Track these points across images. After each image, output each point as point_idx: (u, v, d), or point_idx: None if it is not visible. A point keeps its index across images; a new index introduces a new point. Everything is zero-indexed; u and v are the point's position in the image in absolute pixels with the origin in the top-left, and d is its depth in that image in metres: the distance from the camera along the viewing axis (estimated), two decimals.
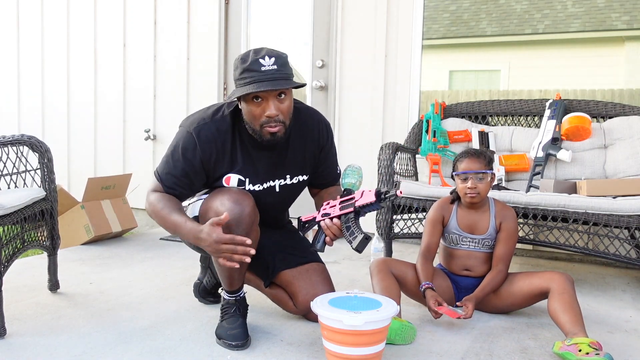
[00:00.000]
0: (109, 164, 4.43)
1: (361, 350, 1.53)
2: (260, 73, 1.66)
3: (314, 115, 1.97)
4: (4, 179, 2.24)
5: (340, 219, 1.72)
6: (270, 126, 1.72)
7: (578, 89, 3.34)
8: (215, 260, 1.79)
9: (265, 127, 1.72)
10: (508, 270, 2.08)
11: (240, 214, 1.69)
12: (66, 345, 1.74)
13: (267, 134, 1.73)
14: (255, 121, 1.73)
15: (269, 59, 1.68)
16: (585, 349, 1.59)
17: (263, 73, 1.66)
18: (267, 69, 1.67)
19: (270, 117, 1.70)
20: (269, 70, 1.67)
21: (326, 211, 1.78)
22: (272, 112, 1.69)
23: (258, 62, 1.67)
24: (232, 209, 1.67)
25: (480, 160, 2.05)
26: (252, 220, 1.73)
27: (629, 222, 2.26)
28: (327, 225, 1.73)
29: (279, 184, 1.91)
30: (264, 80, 1.66)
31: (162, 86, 4.22)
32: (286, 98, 1.73)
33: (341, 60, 3.64)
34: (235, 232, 1.68)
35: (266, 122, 1.71)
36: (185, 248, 3.13)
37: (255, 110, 1.71)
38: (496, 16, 3.60)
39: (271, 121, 1.71)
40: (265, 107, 1.70)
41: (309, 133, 1.93)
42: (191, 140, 1.78)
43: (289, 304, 1.97)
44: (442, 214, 2.16)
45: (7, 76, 4.86)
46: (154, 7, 4.21)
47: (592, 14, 3.36)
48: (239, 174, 1.83)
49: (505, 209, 2.12)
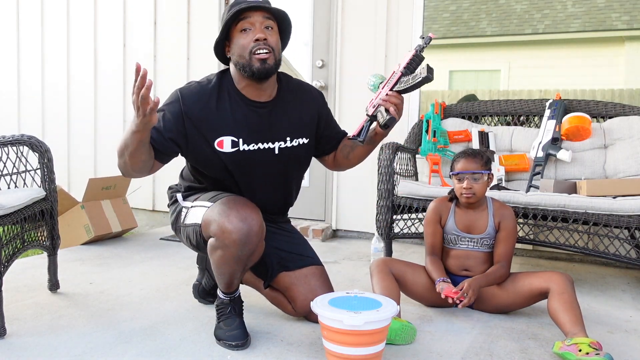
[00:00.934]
0: (109, 163, 4.43)
1: (361, 350, 1.53)
2: (247, 2, 1.72)
3: (304, 83, 2.01)
4: (4, 179, 2.24)
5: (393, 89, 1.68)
6: (260, 52, 1.72)
7: (578, 89, 3.34)
8: (215, 270, 1.77)
9: (255, 54, 1.72)
10: (510, 267, 2.09)
11: (248, 232, 1.64)
12: (66, 345, 1.74)
13: (257, 61, 1.72)
14: (245, 50, 1.74)
15: None
16: (585, 349, 1.59)
17: (248, 2, 1.72)
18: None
19: (259, 40, 1.71)
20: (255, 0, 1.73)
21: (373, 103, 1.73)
22: (261, 34, 1.71)
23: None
24: (241, 228, 1.63)
25: (476, 161, 2.06)
26: (259, 239, 1.69)
27: (629, 222, 2.26)
28: (385, 98, 1.68)
29: (279, 146, 1.86)
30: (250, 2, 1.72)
31: (163, 86, 4.22)
32: (273, 31, 1.77)
33: (341, 60, 3.64)
34: (242, 250, 1.65)
35: (255, 46, 1.72)
36: (185, 248, 3.13)
37: (245, 39, 1.73)
38: (496, 16, 3.60)
39: (260, 45, 1.71)
40: (252, 33, 1.72)
41: (303, 95, 1.94)
42: (175, 95, 1.79)
43: (288, 308, 1.97)
44: (438, 214, 2.16)
45: (7, 76, 4.86)
46: (154, 7, 4.21)
47: (592, 14, 3.36)
48: (231, 135, 1.79)
49: (503, 208, 2.13)
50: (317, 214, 3.82)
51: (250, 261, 1.75)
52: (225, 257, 1.68)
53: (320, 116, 1.97)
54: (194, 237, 1.84)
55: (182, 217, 1.91)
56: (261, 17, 1.74)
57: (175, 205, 1.99)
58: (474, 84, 3.76)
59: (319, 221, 3.81)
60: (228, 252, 1.66)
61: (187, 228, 1.87)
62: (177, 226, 1.94)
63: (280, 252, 1.97)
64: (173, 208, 1.99)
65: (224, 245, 1.65)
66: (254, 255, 1.74)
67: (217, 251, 1.69)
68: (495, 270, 2.05)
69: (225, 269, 1.72)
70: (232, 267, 1.71)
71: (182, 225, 1.91)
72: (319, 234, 3.59)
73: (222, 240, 1.65)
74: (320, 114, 1.97)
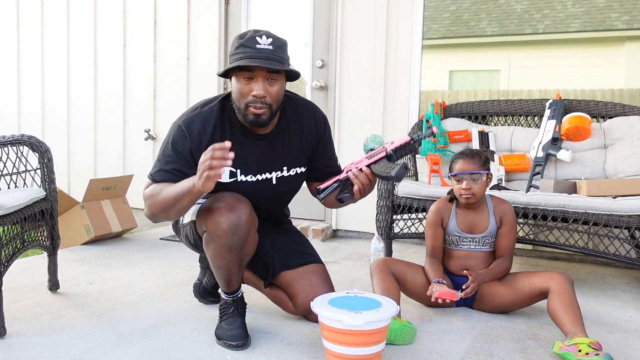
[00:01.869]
0: (109, 163, 4.44)
1: (361, 350, 1.53)
2: (255, 50, 1.65)
3: (310, 106, 1.95)
4: (4, 179, 2.24)
5: (370, 167, 1.66)
6: (256, 107, 1.68)
7: (578, 89, 3.34)
8: (212, 267, 1.78)
9: (250, 106, 1.69)
10: (512, 260, 2.10)
11: (237, 222, 1.66)
12: (66, 345, 1.74)
13: (251, 114, 1.70)
14: (242, 99, 1.70)
15: (266, 39, 1.66)
16: (585, 349, 1.59)
17: (257, 50, 1.65)
18: (263, 48, 1.65)
19: (257, 97, 1.67)
20: (264, 49, 1.65)
21: (350, 168, 1.72)
22: (260, 92, 1.66)
23: (254, 39, 1.66)
24: (229, 218, 1.65)
25: (474, 161, 2.06)
26: (249, 228, 1.71)
27: (629, 222, 2.26)
28: (355, 173, 1.67)
29: (276, 175, 1.87)
30: (257, 58, 1.64)
31: (162, 86, 4.23)
32: (277, 82, 1.70)
33: (341, 60, 3.64)
34: (233, 239, 1.67)
35: (252, 101, 1.68)
36: (185, 248, 3.13)
37: (244, 87, 1.68)
38: (496, 16, 3.60)
39: (257, 101, 1.68)
40: (253, 86, 1.67)
41: (305, 123, 1.90)
42: (181, 132, 1.75)
43: (288, 305, 1.97)
44: (440, 216, 2.16)
45: (7, 76, 4.86)
46: (154, 7, 4.21)
47: (592, 14, 3.36)
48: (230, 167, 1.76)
49: (502, 203, 2.14)
50: (317, 214, 3.82)
51: (244, 254, 1.75)
52: (218, 248, 1.70)
53: (319, 141, 1.95)
54: (191, 234, 1.87)
55: (181, 218, 1.93)
56: (265, 70, 1.67)
57: None
58: (474, 84, 3.76)
59: (319, 221, 3.81)
60: (220, 243, 1.68)
61: (185, 227, 1.91)
62: (177, 228, 1.98)
63: (281, 251, 1.98)
64: None
65: (216, 236, 1.67)
66: (247, 247, 1.74)
67: (211, 244, 1.71)
68: (497, 265, 2.07)
69: (221, 261, 1.73)
70: (226, 258, 1.72)
71: (181, 225, 1.94)
72: (319, 234, 3.60)
73: (213, 232, 1.68)
74: (320, 139, 1.95)
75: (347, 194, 1.69)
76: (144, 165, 4.27)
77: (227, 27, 4.04)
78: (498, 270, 2.06)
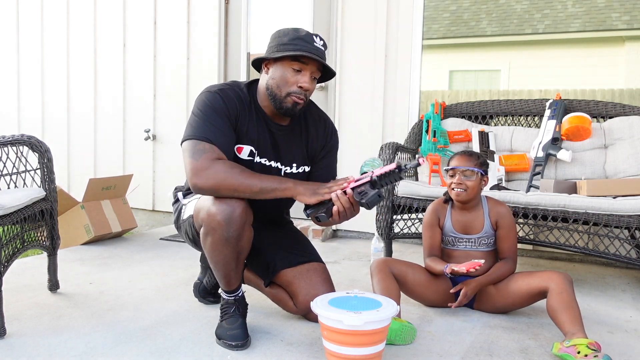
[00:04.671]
0: (109, 163, 4.44)
1: (361, 350, 1.53)
2: (312, 47, 1.76)
3: (323, 114, 2.04)
4: (4, 179, 2.24)
5: (354, 191, 1.68)
6: (298, 97, 1.78)
7: (578, 89, 3.34)
8: (210, 263, 1.79)
9: (293, 96, 1.78)
10: (516, 261, 2.11)
11: (231, 213, 1.67)
12: (66, 345, 1.74)
13: (291, 102, 1.79)
14: (285, 87, 1.78)
15: (319, 40, 1.79)
16: (584, 350, 1.59)
17: (315, 47, 1.76)
18: (318, 47, 1.78)
19: (303, 88, 1.77)
20: (319, 49, 1.78)
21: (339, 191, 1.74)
22: (307, 85, 1.77)
23: (312, 37, 1.77)
24: (224, 210, 1.67)
25: (470, 159, 2.07)
26: (244, 221, 1.71)
27: (629, 222, 2.25)
28: (338, 195, 1.69)
29: (284, 170, 1.92)
30: (314, 54, 1.75)
31: (162, 86, 4.23)
32: (315, 82, 1.82)
33: (341, 60, 3.64)
34: (226, 231, 1.68)
35: (296, 92, 1.78)
36: (185, 248, 3.13)
37: (291, 77, 1.77)
38: (496, 16, 3.60)
39: (301, 93, 1.78)
40: (301, 78, 1.77)
41: (315, 126, 1.97)
42: (217, 96, 1.79)
43: (289, 304, 1.97)
44: (436, 216, 2.17)
45: (7, 76, 4.86)
46: (154, 7, 4.21)
47: (592, 14, 3.36)
48: (251, 145, 1.84)
49: (498, 205, 2.13)
50: None
51: (241, 247, 1.75)
52: (215, 242, 1.71)
53: (324, 146, 1.99)
54: (190, 230, 1.89)
55: (181, 214, 1.97)
56: (315, 68, 1.78)
57: (177, 204, 2.04)
58: (474, 84, 3.76)
59: None
60: (216, 235, 1.69)
61: (184, 223, 1.93)
62: (179, 224, 2.00)
63: (282, 250, 1.99)
64: (175, 207, 2.05)
65: (211, 228, 1.69)
66: (243, 240, 1.74)
67: (207, 238, 1.72)
68: (497, 269, 2.06)
69: (218, 256, 1.74)
70: (223, 252, 1.72)
71: (181, 221, 1.96)
72: (319, 234, 3.60)
73: (209, 224, 1.69)
74: (324, 146, 1.99)
75: (323, 213, 1.70)
76: (144, 165, 4.27)
77: (227, 27, 4.04)
78: (498, 274, 2.05)
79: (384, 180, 1.65)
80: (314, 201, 1.69)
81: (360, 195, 1.65)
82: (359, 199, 1.65)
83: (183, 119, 4.07)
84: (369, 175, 1.67)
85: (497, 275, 2.05)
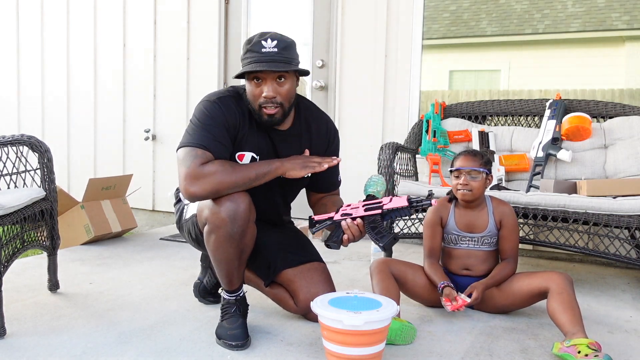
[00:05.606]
0: (109, 163, 4.43)
1: (361, 350, 1.53)
2: (261, 54, 1.72)
3: (324, 116, 2.02)
4: (4, 179, 2.24)
5: (364, 220, 1.71)
6: (267, 108, 1.76)
7: (578, 89, 3.34)
8: (213, 261, 1.79)
9: (263, 108, 1.77)
10: (517, 262, 2.10)
11: (236, 210, 1.68)
12: (66, 345, 1.74)
13: (265, 115, 1.78)
14: (255, 101, 1.78)
15: (271, 42, 1.72)
16: (584, 350, 1.59)
17: (263, 54, 1.72)
18: (268, 51, 1.72)
19: (267, 98, 1.74)
20: (269, 52, 1.72)
21: (347, 212, 1.77)
22: (269, 93, 1.74)
23: (260, 44, 1.73)
24: (228, 207, 1.68)
25: (475, 159, 2.06)
26: (248, 217, 1.72)
27: (629, 222, 2.25)
28: (348, 224, 1.72)
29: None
30: (262, 62, 1.71)
31: (162, 86, 4.22)
32: (286, 82, 1.77)
33: (341, 60, 3.64)
34: (231, 228, 1.68)
35: (264, 102, 1.76)
36: (185, 248, 3.13)
37: (255, 90, 1.76)
38: (496, 16, 3.60)
39: (268, 102, 1.75)
40: (264, 88, 1.74)
41: (317, 128, 1.96)
42: (216, 106, 1.79)
43: (289, 303, 1.97)
44: (439, 215, 2.16)
45: (7, 76, 4.86)
46: (154, 7, 4.21)
47: (592, 14, 3.36)
48: (252, 152, 1.85)
49: (501, 205, 2.13)
50: None
51: (244, 245, 1.75)
52: (219, 239, 1.71)
53: (326, 150, 1.99)
54: (192, 229, 1.90)
55: (184, 214, 1.98)
56: (272, 74, 1.74)
57: (179, 204, 2.05)
58: (474, 84, 3.76)
59: None
60: (220, 233, 1.69)
61: (187, 223, 1.94)
62: (180, 224, 2.00)
63: (283, 250, 1.99)
64: (177, 207, 2.06)
65: (215, 226, 1.69)
66: (246, 237, 1.74)
67: (211, 236, 1.72)
68: (500, 271, 2.06)
69: (221, 254, 1.74)
70: (226, 250, 1.72)
71: (184, 221, 1.97)
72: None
73: (213, 222, 1.70)
74: (327, 148, 1.99)
75: (335, 242, 1.74)
76: (144, 165, 4.27)
77: (227, 27, 4.04)
78: (501, 276, 2.05)
79: (394, 214, 1.70)
80: (305, 174, 1.75)
81: (376, 233, 1.68)
82: (374, 238, 1.67)
83: (183, 119, 4.07)
84: (380, 207, 1.70)
85: (501, 277, 2.05)
